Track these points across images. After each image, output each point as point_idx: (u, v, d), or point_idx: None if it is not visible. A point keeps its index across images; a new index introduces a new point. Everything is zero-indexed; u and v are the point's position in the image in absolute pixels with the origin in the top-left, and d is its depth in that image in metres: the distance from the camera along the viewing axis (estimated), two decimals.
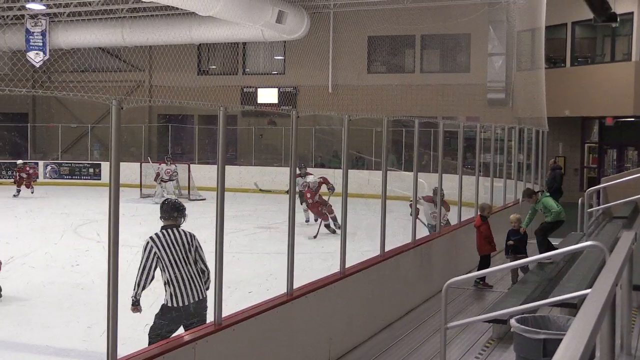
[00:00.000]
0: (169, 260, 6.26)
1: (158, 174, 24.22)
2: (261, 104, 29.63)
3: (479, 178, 14.10)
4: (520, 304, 7.14)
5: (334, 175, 14.35)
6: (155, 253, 6.24)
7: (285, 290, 6.95)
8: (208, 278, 6.49)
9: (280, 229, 14.41)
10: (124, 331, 4.90)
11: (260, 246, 15.11)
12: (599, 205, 15.31)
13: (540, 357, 5.04)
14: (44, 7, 27.56)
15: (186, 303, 6.26)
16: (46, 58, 29.37)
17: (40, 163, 30.45)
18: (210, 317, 5.94)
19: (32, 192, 24.70)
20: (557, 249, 10.29)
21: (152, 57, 30.63)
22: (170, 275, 6.25)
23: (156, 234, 6.39)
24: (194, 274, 6.36)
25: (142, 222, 14.59)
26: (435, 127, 12.68)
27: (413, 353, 7.94)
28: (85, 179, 29.62)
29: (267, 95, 29.70)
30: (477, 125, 15.26)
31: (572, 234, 13.46)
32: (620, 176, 17.89)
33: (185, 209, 6.67)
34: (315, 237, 15.98)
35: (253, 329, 6.37)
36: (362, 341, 8.31)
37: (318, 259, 12.04)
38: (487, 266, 11.61)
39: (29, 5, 27.34)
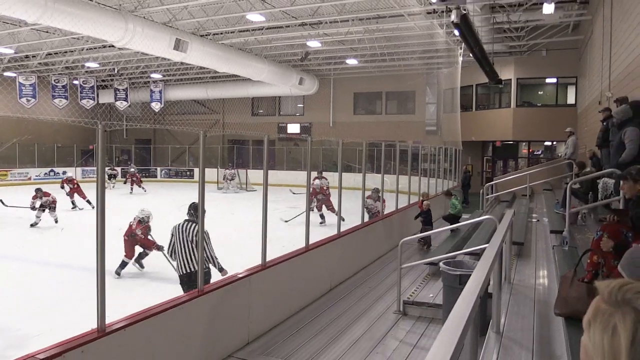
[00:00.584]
0: (179, 242, 6.23)
1: (224, 176, 26.08)
2: (290, 133, 30.84)
3: (420, 177, 14.40)
4: (445, 253, 7.38)
5: (334, 176, 13.22)
6: (172, 235, 6.32)
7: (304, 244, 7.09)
8: (213, 263, 6.14)
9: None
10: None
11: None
12: (492, 194, 15.66)
13: (457, 285, 5.30)
14: (160, 76, 29.57)
15: (183, 272, 6.20)
16: (162, 106, 31.12)
17: (158, 169, 32.44)
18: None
19: (145, 191, 24.50)
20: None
21: (225, 105, 32.59)
22: (177, 252, 6.28)
23: (178, 224, 6.37)
24: (192, 254, 6.11)
25: (217, 204, 16.26)
26: (394, 147, 12.53)
27: (380, 284, 8.04)
28: (184, 179, 31.30)
29: (293, 128, 31.12)
30: (419, 146, 15.82)
31: (476, 211, 14.02)
32: (505, 177, 19.11)
33: (196, 209, 6.03)
34: (287, 221, 14.47)
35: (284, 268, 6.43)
36: (350, 275, 8.54)
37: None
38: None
39: (153, 75, 29.16)
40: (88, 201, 17.95)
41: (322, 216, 15.24)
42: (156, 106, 31.24)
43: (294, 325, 6.16)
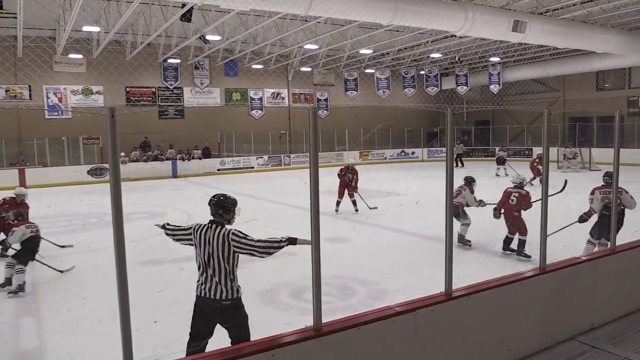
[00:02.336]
0: (199, 251, 3.98)
1: (564, 155, 23.73)
2: None
3: None
4: None
5: None
6: (191, 233, 4.06)
7: None
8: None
9: None
10: None
11: None
12: None
13: None
14: (498, 59, 28.69)
15: (201, 295, 3.95)
16: (500, 88, 30.39)
17: (496, 148, 30.24)
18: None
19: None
20: None
21: (565, 81, 30.19)
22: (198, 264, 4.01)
23: (201, 224, 4.06)
24: (217, 271, 3.89)
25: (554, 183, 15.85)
26: None
27: None
28: (522, 157, 28.14)
29: None
30: None
31: None
32: None
33: (233, 205, 4.09)
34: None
35: None
36: None
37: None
38: None
39: (492, 59, 28.60)
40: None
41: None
42: (495, 88, 30.93)
43: None
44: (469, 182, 9.29)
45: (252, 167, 27.46)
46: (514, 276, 4.60)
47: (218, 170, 26.27)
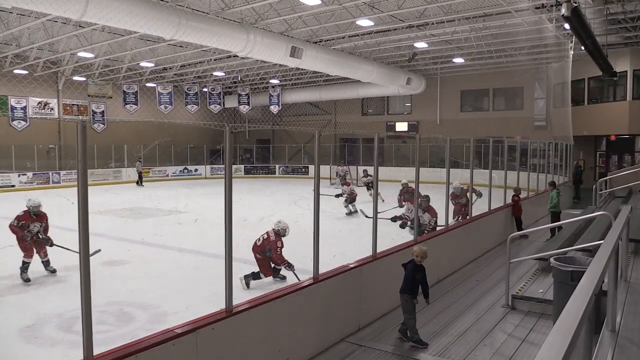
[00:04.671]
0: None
1: (337, 172, 25.71)
2: (398, 131, 30.52)
3: (529, 173, 13.96)
4: (557, 249, 6.82)
5: (441, 172, 11.75)
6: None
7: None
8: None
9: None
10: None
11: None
12: (606, 189, 15.00)
13: (569, 282, 4.94)
14: (278, 82, 30.48)
15: None
16: (279, 109, 32.11)
17: (277, 166, 33.26)
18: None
19: None
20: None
21: (336, 106, 32.90)
22: None
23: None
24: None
25: (328, 199, 14.95)
26: (502, 143, 12.01)
27: (487, 278, 7.76)
28: (299, 175, 31.63)
29: (401, 126, 30.76)
30: (528, 141, 15.22)
31: (589, 207, 13.42)
32: (620, 172, 17.70)
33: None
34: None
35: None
36: (457, 268, 8.27)
37: None
38: (521, 224, 11.34)
39: (272, 81, 30.16)
40: None
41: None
42: (274, 109, 32.45)
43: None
44: None
45: (13, 186, 24.07)
46: (291, 287, 4.82)
47: None
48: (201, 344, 3.71)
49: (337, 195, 15.77)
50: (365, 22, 17.65)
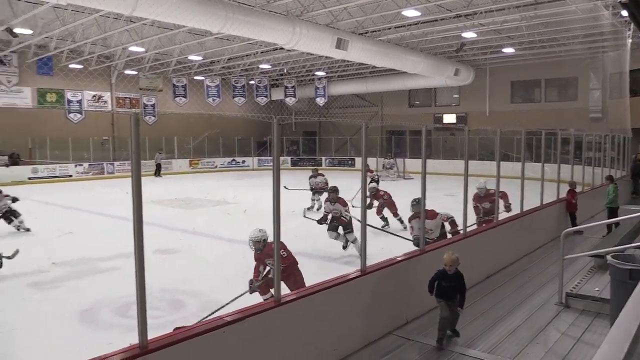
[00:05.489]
0: None
1: (383, 165, 25.88)
2: (445, 123, 30.08)
3: (584, 167, 13.39)
4: (614, 246, 6.59)
5: (491, 165, 11.80)
6: None
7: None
8: None
9: None
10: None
11: None
12: None
13: (628, 280, 4.75)
14: (324, 74, 30.58)
15: None
16: (325, 101, 32.33)
17: (323, 158, 33.20)
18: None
19: None
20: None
21: (383, 98, 32.52)
22: None
23: None
24: None
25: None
26: (555, 135, 11.67)
27: (539, 274, 7.47)
28: (346, 167, 31.28)
29: (449, 118, 30.27)
30: (583, 134, 14.45)
31: None
32: None
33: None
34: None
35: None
36: (507, 264, 7.96)
37: None
38: (575, 220, 10.85)
39: (318, 73, 30.25)
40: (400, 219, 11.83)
41: (383, 218, 11.74)
42: (320, 101, 32.52)
43: None
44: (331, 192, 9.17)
45: (70, 176, 25.11)
46: (338, 279, 4.80)
47: (29, 179, 23.52)
48: (250, 332, 3.76)
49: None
50: (411, 13, 17.37)
